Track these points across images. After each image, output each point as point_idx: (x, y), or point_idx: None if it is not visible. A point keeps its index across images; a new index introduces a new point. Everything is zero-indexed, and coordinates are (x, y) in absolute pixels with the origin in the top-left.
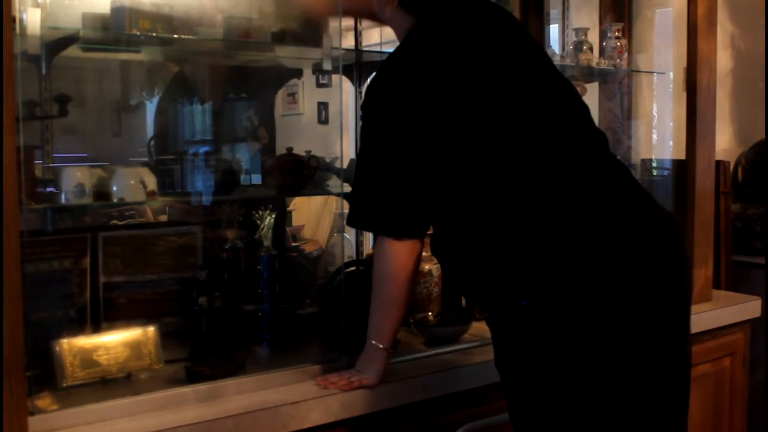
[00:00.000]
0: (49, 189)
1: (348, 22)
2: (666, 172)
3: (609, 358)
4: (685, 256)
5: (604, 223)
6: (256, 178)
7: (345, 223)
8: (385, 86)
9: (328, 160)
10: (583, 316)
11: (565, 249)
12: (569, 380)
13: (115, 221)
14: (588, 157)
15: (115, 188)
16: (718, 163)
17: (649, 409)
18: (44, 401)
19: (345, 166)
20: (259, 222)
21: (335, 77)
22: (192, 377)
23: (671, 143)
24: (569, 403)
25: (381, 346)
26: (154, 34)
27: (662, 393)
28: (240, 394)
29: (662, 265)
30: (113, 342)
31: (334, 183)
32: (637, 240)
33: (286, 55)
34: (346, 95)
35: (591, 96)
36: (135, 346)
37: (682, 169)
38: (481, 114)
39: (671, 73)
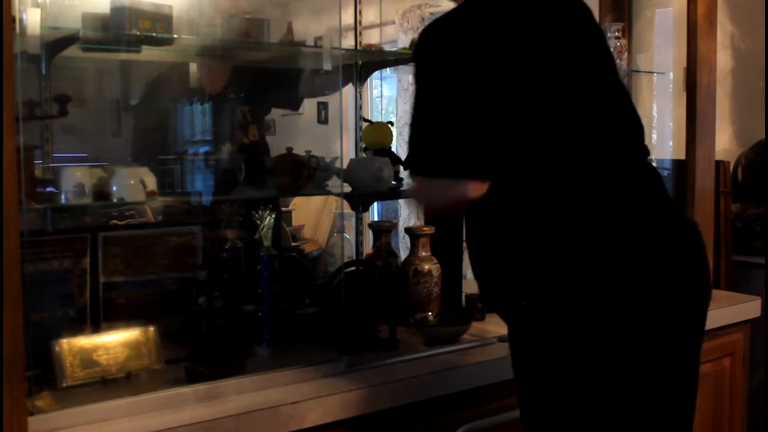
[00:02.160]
0: (49, 189)
1: (348, 21)
2: (666, 172)
3: (624, 363)
4: (707, 266)
5: (630, 228)
6: None
7: (403, 167)
8: (452, 36)
9: (328, 160)
10: (600, 320)
11: (588, 251)
12: (584, 385)
13: (115, 221)
14: (626, 160)
15: (115, 188)
16: (718, 163)
17: (659, 412)
18: (44, 401)
19: (345, 166)
20: (259, 222)
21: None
22: (192, 377)
23: (671, 143)
24: (582, 409)
25: None
26: (154, 34)
27: (672, 399)
28: (240, 394)
29: (686, 275)
30: (113, 342)
31: (334, 183)
32: (662, 248)
33: (286, 55)
34: (346, 95)
35: None
36: (135, 346)
37: (682, 169)
38: (535, 93)
39: (671, 73)
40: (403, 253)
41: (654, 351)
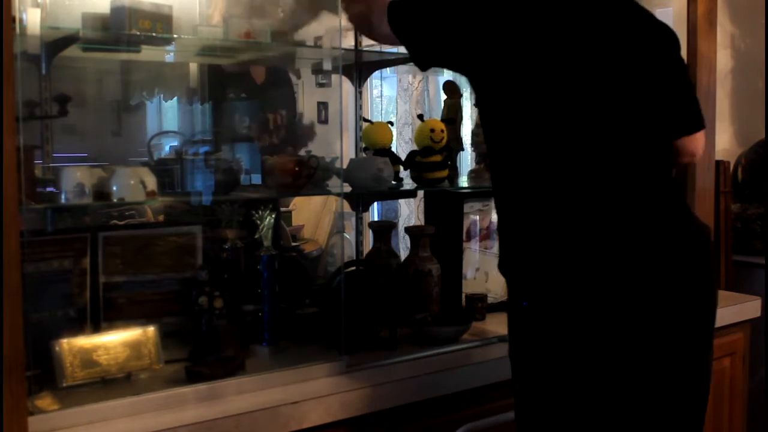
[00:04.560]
0: (49, 189)
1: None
2: None
3: (624, 366)
4: (711, 273)
5: (637, 231)
6: (256, 178)
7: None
8: None
9: (328, 160)
10: (600, 321)
11: (593, 248)
12: (580, 387)
13: (115, 221)
14: (640, 161)
15: (115, 188)
16: (718, 163)
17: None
18: (44, 401)
19: (345, 166)
20: (259, 222)
21: (335, 77)
22: (192, 377)
23: None
24: (579, 411)
25: None
26: (154, 34)
27: (673, 406)
28: (240, 394)
29: (688, 281)
30: (113, 342)
31: (334, 183)
32: (667, 253)
33: (286, 55)
34: (345, 95)
35: None
36: (135, 346)
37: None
38: (551, 79)
39: None
40: (403, 253)
41: (653, 357)
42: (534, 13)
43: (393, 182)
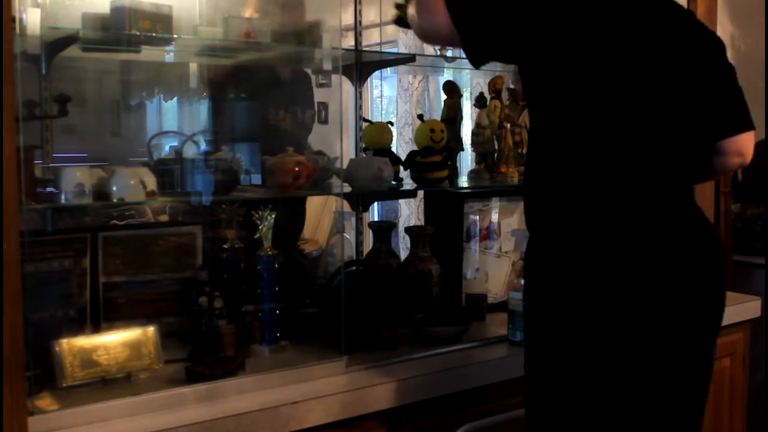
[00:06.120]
0: (49, 189)
1: (348, 21)
2: None
3: (626, 367)
4: (723, 274)
5: (643, 234)
6: (256, 178)
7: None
8: None
9: (328, 160)
10: (611, 313)
11: (607, 243)
12: (584, 374)
13: (115, 221)
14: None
15: (115, 188)
16: None
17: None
18: (44, 401)
19: (345, 166)
20: (259, 222)
21: (335, 77)
22: (192, 377)
23: None
24: (578, 398)
25: None
26: (154, 34)
27: (678, 399)
28: (240, 394)
29: (693, 286)
30: (113, 342)
31: (334, 183)
32: (674, 255)
33: (286, 55)
34: (346, 95)
35: None
36: (135, 346)
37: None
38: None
39: None
40: (403, 253)
41: (656, 354)
42: (584, 13)
43: (393, 182)
